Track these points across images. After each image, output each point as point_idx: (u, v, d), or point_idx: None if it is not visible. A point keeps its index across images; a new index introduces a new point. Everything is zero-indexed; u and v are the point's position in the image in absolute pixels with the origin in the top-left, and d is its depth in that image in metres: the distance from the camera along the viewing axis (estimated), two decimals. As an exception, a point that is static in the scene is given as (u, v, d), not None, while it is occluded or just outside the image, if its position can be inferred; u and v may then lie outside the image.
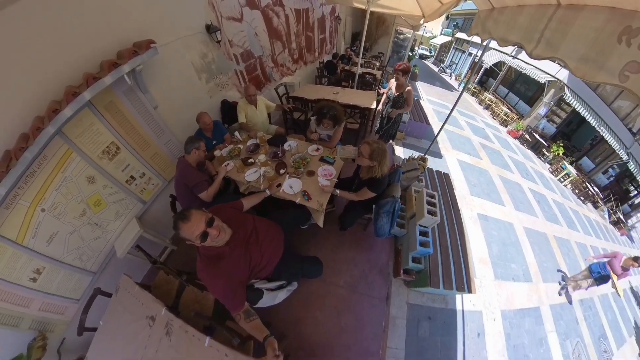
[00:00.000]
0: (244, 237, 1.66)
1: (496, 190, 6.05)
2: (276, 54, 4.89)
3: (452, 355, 2.91)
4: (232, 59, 3.76)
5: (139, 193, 2.88)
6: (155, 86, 2.63)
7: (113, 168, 2.52)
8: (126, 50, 2.13)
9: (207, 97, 3.48)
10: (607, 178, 11.74)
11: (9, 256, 1.97)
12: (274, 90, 4.66)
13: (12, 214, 1.91)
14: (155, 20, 2.50)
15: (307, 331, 2.44)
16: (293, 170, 2.66)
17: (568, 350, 3.90)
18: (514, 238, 5.03)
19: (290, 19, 5.08)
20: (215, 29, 3.16)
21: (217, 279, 1.51)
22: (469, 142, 7.91)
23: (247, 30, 3.93)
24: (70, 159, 2.17)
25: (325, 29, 7.00)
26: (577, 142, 12.21)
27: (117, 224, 2.72)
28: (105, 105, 2.29)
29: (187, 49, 2.98)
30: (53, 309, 2.34)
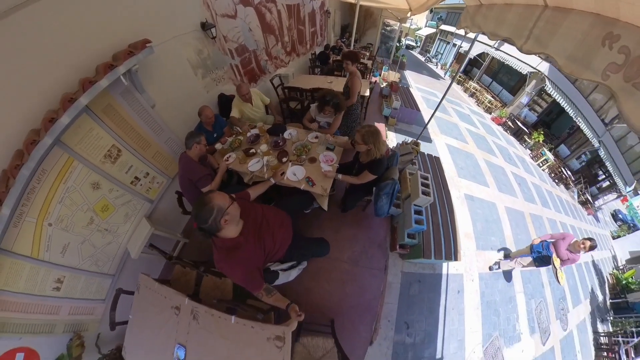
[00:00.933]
0: (256, 225, 1.67)
1: (481, 173, 6.37)
2: (270, 47, 4.94)
3: (435, 307, 3.37)
4: (227, 53, 3.75)
5: (145, 192, 2.82)
6: (151, 85, 2.56)
7: (117, 171, 2.44)
8: (121, 52, 2.05)
9: (204, 92, 3.44)
10: (579, 163, 12.27)
11: (28, 271, 1.96)
12: (269, 82, 4.65)
13: (21, 231, 1.87)
14: (151, 21, 2.44)
15: (316, 299, 2.74)
16: (295, 158, 2.66)
17: (532, 307, 4.41)
18: (496, 216, 5.41)
19: (282, 14, 5.12)
20: (210, 26, 3.12)
21: (236, 267, 1.54)
22: (456, 128, 8.13)
23: (241, 26, 3.93)
24: (72, 167, 2.08)
25: (315, 22, 7.01)
26: (556, 131, 12.62)
27: (127, 226, 2.67)
28: (103, 108, 2.19)
29: (182, 46, 2.93)
30: (82, 311, 2.37)
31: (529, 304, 4.44)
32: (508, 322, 4.00)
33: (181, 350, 1.68)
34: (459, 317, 3.53)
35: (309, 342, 2.08)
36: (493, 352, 3.58)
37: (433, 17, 21.10)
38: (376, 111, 6.67)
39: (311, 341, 2.08)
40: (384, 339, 2.94)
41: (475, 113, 11.42)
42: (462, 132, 7.93)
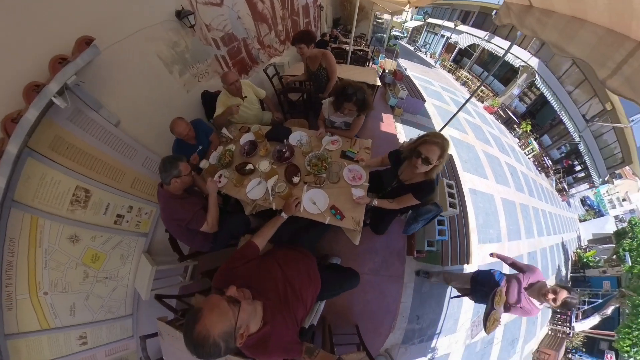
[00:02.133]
0: (279, 299, 1.22)
1: (482, 165, 6.35)
2: (262, 35, 4.24)
3: (442, 300, 3.58)
4: (210, 43, 2.99)
5: (135, 228, 2.32)
6: (111, 97, 1.90)
7: (91, 215, 1.94)
8: (51, 60, 1.39)
9: (184, 92, 2.69)
10: (559, 153, 12.53)
11: (47, 342, 1.78)
12: (262, 72, 3.89)
13: (19, 311, 1.62)
14: (101, 14, 1.73)
15: (341, 309, 2.74)
16: (312, 178, 1.89)
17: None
18: (494, 208, 5.51)
19: (276, 5, 4.42)
20: (187, 13, 2.38)
21: (272, 356, 1.15)
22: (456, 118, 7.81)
23: (229, 13, 3.20)
24: (40, 227, 1.67)
25: (309, 14, 6.47)
26: (540, 121, 12.78)
27: (127, 268, 2.32)
28: (49, 144, 1.61)
29: (150, 41, 2.19)
30: (117, 350, 2.25)
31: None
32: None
33: None
34: (458, 304, 3.83)
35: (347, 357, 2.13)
36: (477, 322, 4.04)
37: (419, 12, 21.51)
38: (380, 100, 6.17)
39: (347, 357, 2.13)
40: (397, 329, 3.12)
41: (470, 102, 11.09)
42: (462, 122, 7.76)
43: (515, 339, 5.39)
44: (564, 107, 10.62)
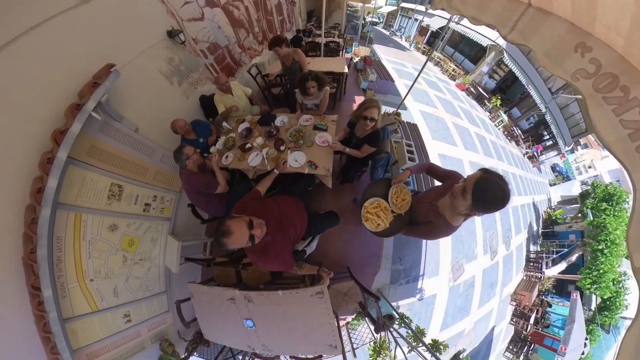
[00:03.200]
0: (277, 221, 1.64)
1: (451, 135, 6.98)
2: (242, 40, 4.65)
3: (419, 243, 4.21)
4: (199, 54, 3.46)
5: (160, 214, 2.76)
6: (128, 109, 2.31)
7: (125, 206, 2.33)
8: (86, 86, 1.79)
9: (184, 99, 3.17)
10: (528, 124, 13.32)
11: (98, 322, 2.08)
12: (247, 73, 4.34)
13: (72, 298, 1.91)
14: (111, 43, 2.14)
15: (334, 256, 3.27)
16: (293, 144, 2.50)
17: (486, 237, 5.42)
18: (463, 171, 6.02)
19: (250, 9, 4.79)
20: (177, 32, 2.81)
21: (271, 262, 1.61)
22: (427, 95, 8.52)
23: (210, 25, 3.63)
24: (84, 222, 1.97)
25: (282, 11, 6.78)
26: (510, 96, 13.45)
27: (157, 249, 2.70)
28: (86, 152, 1.98)
29: (151, 60, 2.62)
30: (156, 325, 2.61)
31: (485, 234, 5.44)
32: (469, 248, 4.99)
33: (249, 321, 2.00)
34: (436, 248, 4.45)
35: (337, 286, 2.75)
36: (457, 266, 4.67)
37: None
38: (353, 85, 6.68)
39: (339, 285, 2.76)
40: (384, 270, 3.67)
41: (442, 80, 11.80)
42: (432, 99, 8.34)
43: (494, 283, 6.06)
44: (531, 82, 11.26)
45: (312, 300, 1.86)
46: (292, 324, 1.97)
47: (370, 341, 2.85)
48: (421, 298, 4.14)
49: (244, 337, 2.07)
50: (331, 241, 3.32)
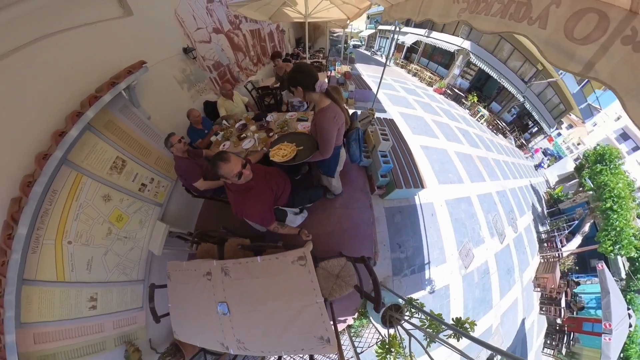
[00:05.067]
0: (261, 174, 1.77)
1: (431, 129, 7.09)
2: (240, 61, 5.54)
3: (416, 229, 3.94)
4: (206, 69, 4.21)
5: (154, 197, 2.79)
6: (146, 100, 2.74)
7: (124, 180, 2.41)
8: (122, 71, 2.22)
9: (191, 102, 3.76)
10: (510, 116, 13.75)
11: (59, 296, 1.82)
12: (243, 88, 5.08)
13: (42, 256, 1.73)
14: (144, 48, 2.76)
15: (324, 241, 3.05)
16: (279, 131, 2.90)
17: (489, 219, 5.17)
18: (449, 159, 6.14)
19: (247, 37, 5.86)
20: (191, 50, 3.59)
21: (252, 204, 1.66)
22: (405, 100, 8.84)
23: (215, 47, 4.50)
24: (82, 184, 2.00)
25: (274, 39, 7.84)
26: (487, 92, 13.99)
27: (144, 232, 2.62)
28: (104, 124, 2.21)
29: (169, 67, 3.30)
30: (125, 322, 2.26)
31: (487, 217, 5.22)
32: (474, 231, 4.72)
33: (223, 306, 1.66)
34: (437, 233, 4.18)
35: (326, 264, 2.29)
36: (465, 252, 4.27)
37: (371, 22, 23.63)
38: None
39: (328, 264, 2.30)
40: (384, 259, 3.45)
41: (420, 87, 12.32)
42: (410, 102, 8.64)
43: (510, 268, 5.65)
44: (503, 76, 11.83)
45: (294, 270, 1.59)
46: (272, 307, 1.58)
47: (377, 341, 2.38)
48: (432, 290, 3.85)
49: (217, 330, 1.68)
50: (320, 225, 3.12)
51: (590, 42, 0.69)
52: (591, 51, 0.69)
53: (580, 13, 0.72)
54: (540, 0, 0.84)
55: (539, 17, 0.85)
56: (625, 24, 0.62)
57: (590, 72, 0.70)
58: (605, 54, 0.66)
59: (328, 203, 3.34)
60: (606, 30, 0.66)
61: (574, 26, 0.74)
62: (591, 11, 0.69)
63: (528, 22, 0.90)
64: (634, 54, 0.59)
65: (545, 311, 6.78)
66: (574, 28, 0.74)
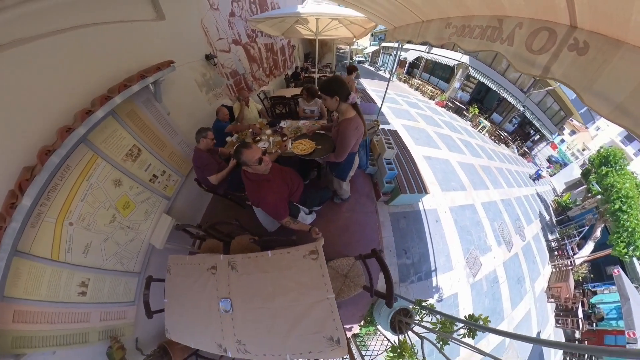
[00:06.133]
0: (278, 170, 1.89)
1: (433, 140, 7.17)
2: (254, 71, 5.92)
3: (422, 235, 3.93)
4: (224, 76, 4.50)
5: (163, 190, 2.78)
6: (167, 97, 2.86)
7: (137, 169, 2.41)
8: (151, 67, 2.37)
9: (207, 105, 3.98)
10: (512, 125, 13.72)
11: (49, 275, 1.66)
12: (256, 96, 5.46)
13: (40, 232, 1.62)
14: (169, 52, 2.92)
15: (330, 244, 2.95)
16: (293, 136, 2.99)
17: (495, 227, 5.10)
18: (451, 168, 6.16)
19: (261, 49, 6.30)
20: (212, 57, 3.89)
21: (268, 194, 1.72)
22: (408, 113, 9.02)
23: (234, 57, 4.85)
24: (96, 165, 1.98)
25: (285, 53, 8.41)
26: (487, 104, 14.09)
27: (148, 223, 2.54)
28: (127, 113, 2.27)
29: (191, 70, 3.55)
30: (113, 316, 2.08)
31: (492, 225, 5.15)
32: (480, 239, 4.66)
33: (226, 302, 1.52)
34: (442, 240, 4.15)
35: (335, 264, 2.25)
36: (472, 260, 4.20)
37: (375, 39, 24.37)
38: None
39: (336, 263, 2.25)
40: (390, 265, 3.41)
41: (422, 101, 12.53)
42: (413, 115, 8.79)
43: (520, 278, 5.45)
44: (502, 87, 12.00)
45: (305, 264, 1.51)
46: (279, 303, 1.44)
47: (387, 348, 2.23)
48: (440, 298, 3.77)
49: (216, 329, 1.52)
50: (326, 228, 3.08)
51: (545, 52, 0.86)
52: (546, 58, 0.86)
53: (536, 32, 0.91)
54: (509, 24, 1.06)
55: (508, 37, 1.06)
56: (568, 35, 0.77)
57: (548, 74, 0.86)
58: (557, 59, 0.82)
59: (335, 207, 3.41)
60: (555, 42, 0.82)
61: (532, 42, 0.92)
62: (543, 29, 0.87)
63: (500, 42, 1.11)
64: (579, 57, 0.73)
65: (562, 324, 6.41)
66: (532, 43, 0.92)
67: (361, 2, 2.77)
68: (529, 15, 0.96)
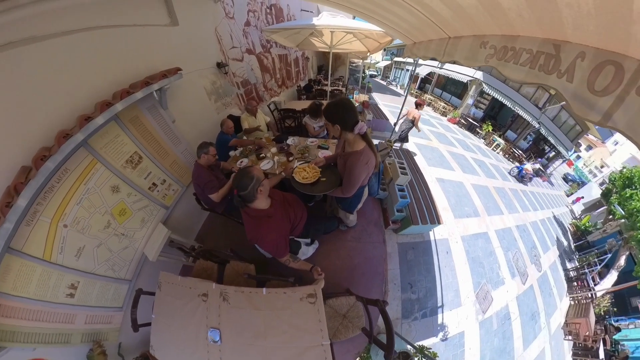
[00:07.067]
0: (280, 202, 1.70)
1: (447, 161, 6.81)
2: (266, 81, 5.74)
3: (430, 267, 3.59)
4: (234, 85, 4.33)
5: (161, 199, 2.67)
6: (174, 104, 2.71)
7: (136, 176, 2.33)
8: (158, 73, 2.27)
9: (215, 114, 3.79)
10: (526, 142, 13.07)
11: (39, 275, 1.65)
12: (266, 107, 5.29)
13: (34, 231, 1.61)
14: (181, 58, 2.85)
15: (331, 275, 2.81)
16: (300, 156, 2.87)
17: (509, 257, 4.68)
18: (465, 191, 5.78)
19: (275, 60, 6.12)
20: (224, 65, 3.74)
21: (268, 233, 1.55)
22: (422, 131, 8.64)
23: (246, 66, 4.72)
24: (94, 169, 1.92)
25: (299, 64, 8.26)
26: (501, 121, 13.53)
27: (143, 232, 2.44)
28: (130, 119, 2.20)
29: (201, 78, 3.39)
30: (99, 320, 2.03)
31: (506, 255, 4.73)
32: (492, 271, 4.26)
33: (214, 332, 1.45)
34: (451, 273, 3.78)
35: (334, 302, 2.09)
36: (483, 295, 3.82)
37: (387, 54, 24.28)
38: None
39: (336, 301, 2.09)
40: (393, 299, 3.14)
41: (434, 117, 12.15)
42: (426, 133, 8.46)
43: (535, 313, 4.97)
44: (517, 103, 11.45)
45: (302, 307, 1.40)
46: (270, 343, 1.38)
47: None
48: (445, 338, 3.41)
49: (202, 357, 1.45)
50: (329, 257, 2.90)
51: (608, 94, 0.69)
52: (609, 102, 0.69)
53: (600, 66, 0.72)
54: (569, 53, 0.83)
55: (567, 71, 0.84)
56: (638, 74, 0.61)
57: (608, 122, 0.69)
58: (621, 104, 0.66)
59: (340, 235, 3.15)
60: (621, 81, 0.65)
61: (595, 78, 0.74)
62: (609, 63, 0.69)
63: (557, 75, 0.87)
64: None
65: (580, 365, 5.83)
66: (595, 80, 0.73)
67: (379, 14, 2.51)
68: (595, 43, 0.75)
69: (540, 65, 0.95)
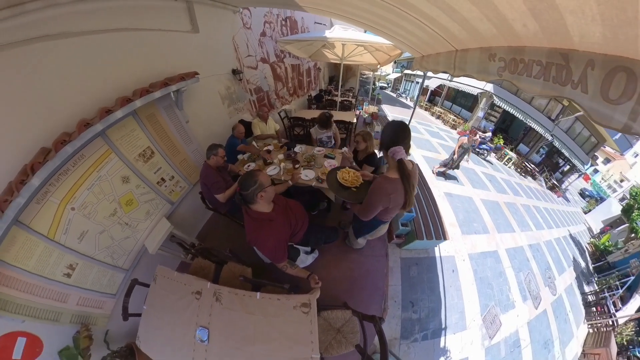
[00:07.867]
0: (282, 207, 1.68)
1: (455, 174, 6.53)
2: (278, 90, 5.87)
3: (434, 286, 3.34)
4: (247, 91, 4.43)
5: (168, 194, 2.73)
6: (189, 106, 2.79)
7: (147, 170, 2.40)
8: (176, 76, 2.39)
9: (227, 118, 3.87)
10: (539, 156, 12.51)
11: (41, 250, 1.70)
12: (277, 114, 5.38)
13: (42, 209, 1.66)
14: (198, 63, 2.89)
15: (329, 287, 2.65)
16: (306, 164, 2.87)
17: (521, 278, 4.34)
18: (474, 207, 5.51)
19: (288, 69, 6.30)
20: (239, 72, 3.84)
21: (268, 237, 1.53)
22: (429, 143, 8.52)
23: (259, 74, 4.85)
24: (108, 159, 2.00)
25: (311, 75, 8.42)
26: (513, 134, 13.03)
27: (146, 224, 2.48)
28: (147, 115, 2.31)
29: (217, 82, 3.50)
30: (91, 303, 2.04)
31: (518, 276, 4.40)
32: (502, 293, 3.96)
33: (203, 331, 1.43)
34: (457, 293, 3.52)
35: (329, 315, 1.98)
36: (491, 319, 3.52)
37: (397, 67, 24.43)
38: None
39: (331, 314, 1.99)
40: (392, 317, 2.91)
41: (443, 130, 11.90)
42: (434, 145, 8.28)
43: (548, 341, 4.53)
44: (529, 116, 11.00)
45: (294, 316, 1.37)
46: (258, 350, 1.34)
47: None
48: None
49: (187, 355, 1.41)
50: (328, 268, 2.76)
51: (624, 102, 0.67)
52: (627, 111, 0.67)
53: (612, 73, 0.69)
54: (578, 62, 0.80)
55: (580, 81, 0.80)
56: None
57: (631, 131, 0.67)
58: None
59: (341, 246, 3.02)
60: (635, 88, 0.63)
61: (608, 87, 0.71)
62: (620, 70, 0.67)
63: (572, 86, 0.83)
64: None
65: (599, 399, 5.27)
66: (609, 89, 0.71)
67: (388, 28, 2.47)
68: (602, 50, 0.72)
69: (553, 77, 0.90)
